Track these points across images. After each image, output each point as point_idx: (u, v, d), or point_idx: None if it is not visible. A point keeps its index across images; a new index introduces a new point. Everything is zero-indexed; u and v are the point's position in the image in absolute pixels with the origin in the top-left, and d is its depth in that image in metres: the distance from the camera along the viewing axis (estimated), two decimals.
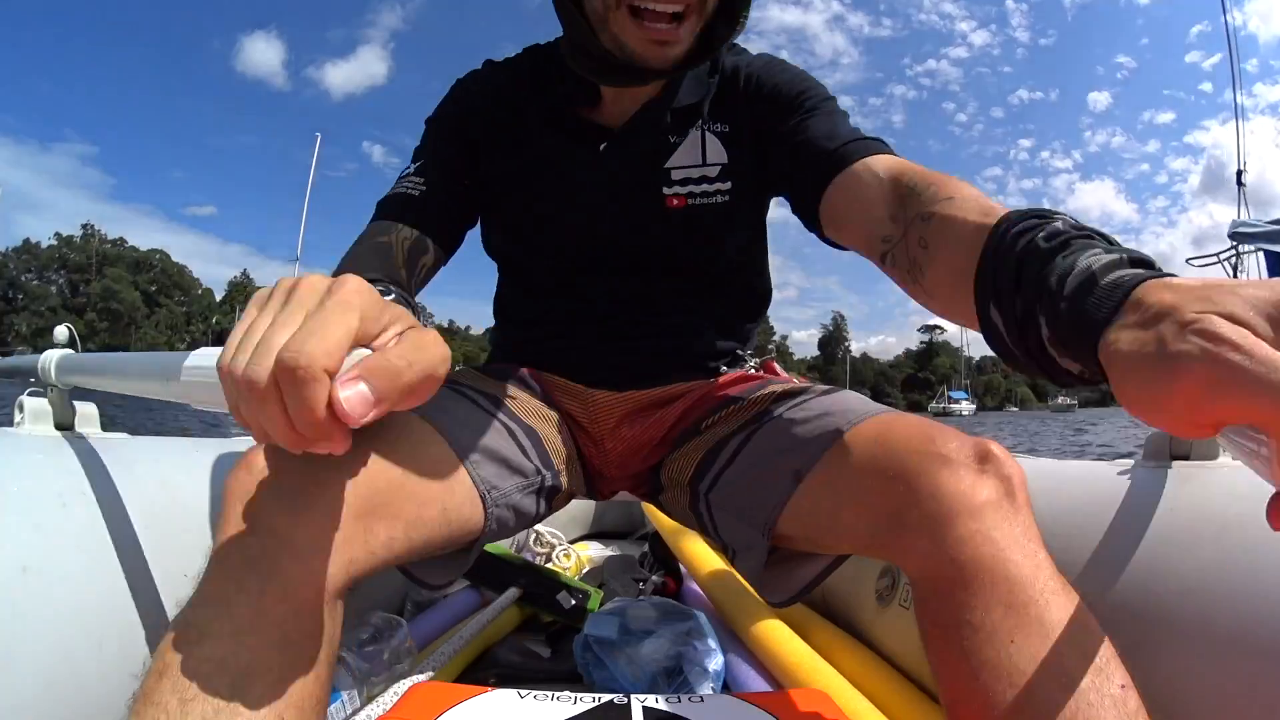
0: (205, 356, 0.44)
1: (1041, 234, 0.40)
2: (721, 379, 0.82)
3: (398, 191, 0.75)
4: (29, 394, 0.77)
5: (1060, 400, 67.86)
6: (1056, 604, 0.45)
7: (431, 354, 0.38)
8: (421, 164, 0.77)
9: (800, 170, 0.69)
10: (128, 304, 60.77)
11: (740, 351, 0.87)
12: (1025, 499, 0.51)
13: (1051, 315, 0.37)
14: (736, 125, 0.77)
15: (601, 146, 0.77)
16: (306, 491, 0.48)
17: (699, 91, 0.77)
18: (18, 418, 0.76)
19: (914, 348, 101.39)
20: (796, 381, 0.80)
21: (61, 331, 0.82)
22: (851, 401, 0.67)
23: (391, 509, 0.53)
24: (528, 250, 0.84)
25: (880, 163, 0.62)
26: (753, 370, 0.87)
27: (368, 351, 0.37)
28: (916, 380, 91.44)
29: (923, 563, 0.50)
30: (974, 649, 0.45)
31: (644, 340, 0.80)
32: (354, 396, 0.35)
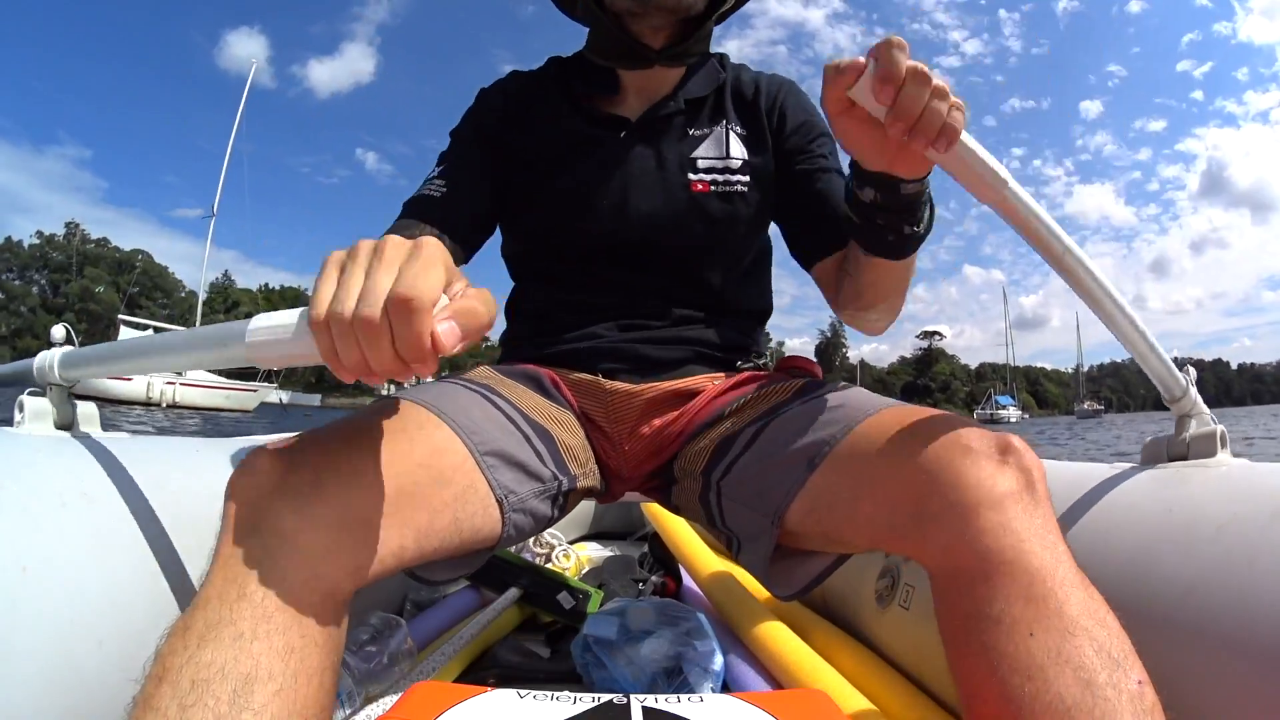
0: (264, 320, 0.46)
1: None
2: (739, 376, 0.81)
3: (422, 193, 0.80)
4: (29, 394, 0.77)
5: (1086, 406, 68.75)
6: (1076, 597, 0.45)
7: (492, 306, 0.45)
8: (444, 168, 0.82)
9: (810, 227, 0.84)
10: (106, 305, 58.38)
11: (754, 349, 0.88)
12: (1045, 492, 0.51)
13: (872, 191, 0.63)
14: (756, 133, 0.85)
15: (622, 134, 0.83)
16: (314, 495, 0.48)
17: (708, 85, 0.86)
18: (18, 417, 0.76)
19: (908, 354, 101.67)
20: (818, 375, 0.80)
21: (59, 330, 0.82)
22: (866, 395, 0.68)
23: (402, 516, 0.53)
24: (549, 238, 0.85)
25: None
26: (768, 368, 0.87)
27: (446, 299, 0.43)
28: (916, 387, 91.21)
29: (943, 556, 0.50)
30: (993, 642, 0.45)
31: (664, 329, 0.81)
32: (447, 330, 0.41)
